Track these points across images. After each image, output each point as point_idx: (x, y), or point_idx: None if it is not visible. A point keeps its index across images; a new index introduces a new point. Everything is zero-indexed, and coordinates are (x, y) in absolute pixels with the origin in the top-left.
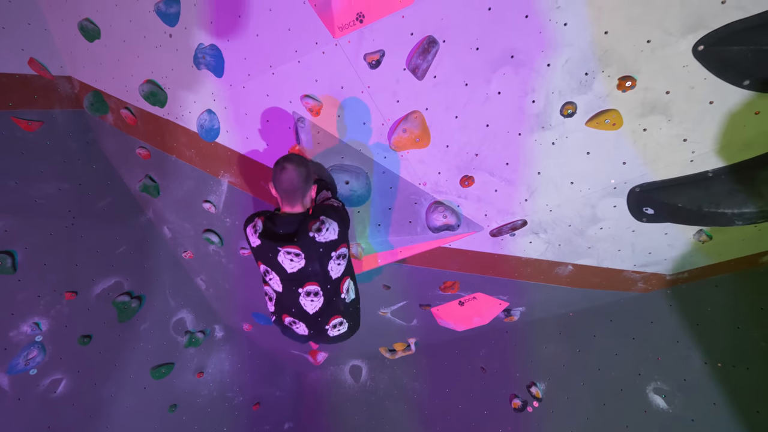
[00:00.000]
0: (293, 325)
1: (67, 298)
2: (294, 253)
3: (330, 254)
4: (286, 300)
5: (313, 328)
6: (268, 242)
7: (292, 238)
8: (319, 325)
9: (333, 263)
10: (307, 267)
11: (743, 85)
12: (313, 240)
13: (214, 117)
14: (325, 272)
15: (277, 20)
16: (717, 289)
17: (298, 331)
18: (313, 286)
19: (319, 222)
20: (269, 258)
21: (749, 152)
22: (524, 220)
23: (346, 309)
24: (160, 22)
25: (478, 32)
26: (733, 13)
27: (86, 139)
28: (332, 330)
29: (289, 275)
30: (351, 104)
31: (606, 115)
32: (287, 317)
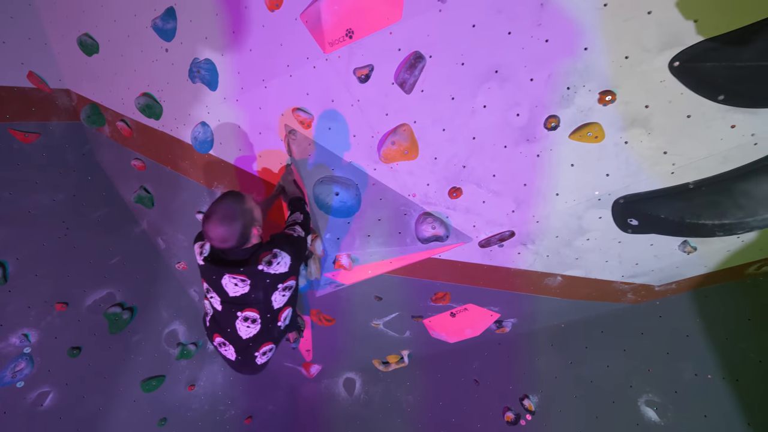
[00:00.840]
0: (222, 347)
1: (58, 310)
2: (239, 279)
3: (276, 286)
4: (222, 319)
5: (241, 354)
6: (212, 267)
7: (239, 265)
8: (248, 351)
9: (278, 294)
10: (251, 294)
11: (718, 100)
12: (261, 272)
13: (208, 129)
14: (267, 302)
15: (270, 36)
16: (706, 300)
17: (226, 355)
18: (253, 312)
19: (271, 255)
20: (212, 279)
21: (727, 165)
22: (512, 231)
23: (279, 335)
24: (156, 37)
25: (463, 48)
26: (706, 31)
27: (83, 150)
28: (261, 357)
29: (230, 298)
30: (341, 117)
31: (588, 128)
32: (218, 337)
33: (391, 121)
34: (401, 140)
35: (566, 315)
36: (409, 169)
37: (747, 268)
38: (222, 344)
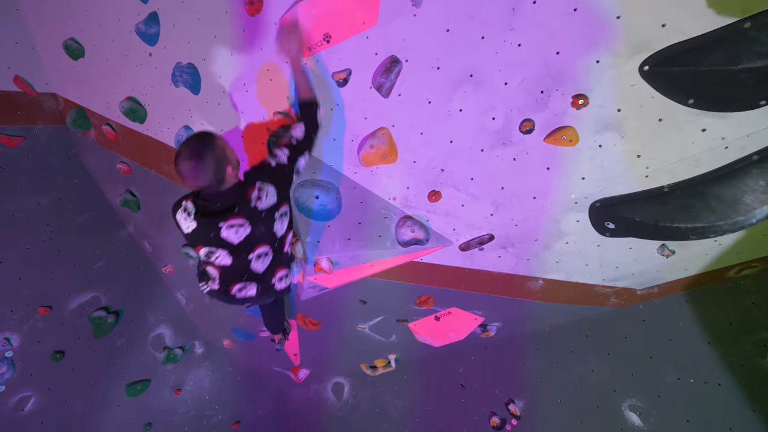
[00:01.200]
0: (242, 290)
1: (41, 313)
2: (237, 224)
3: (273, 216)
4: (235, 270)
5: (261, 284)
6: (205, 221)
7: (232, 209)
8: (266, 278)
9: (277, 224)
10: (254, 233)
11: (688, 104)
12: (255, 209)
13: (192, 133)
14: (271, 233)
15: (251, 40)
16: (687, 304)
17: (247, 294)
18: (263, 247)
19: (256, 190)
20: (210, 238)
21: (700, 168)
22: (491, 235)
23: (288, 261)
24: (140, 41)
25: (439, 52)
26: (673, 36)
27: (68, 154)
28: (279, 283)
29: (237, 246)
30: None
31: (563, 132)
32: (236, 285)
33: (370, 125)
34: (380, 144)
35: (550, 319)
36: (389, 172)
37: (727, 271)
38: (242, 289)
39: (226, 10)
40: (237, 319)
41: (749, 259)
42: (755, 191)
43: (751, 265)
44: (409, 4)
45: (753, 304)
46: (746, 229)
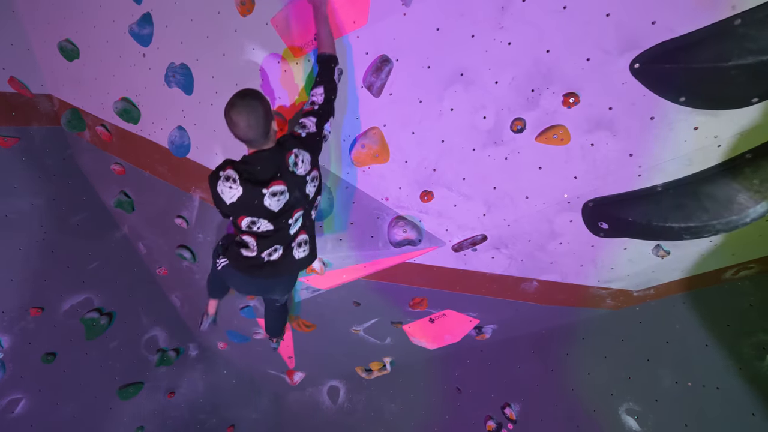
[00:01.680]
0: (273, 254)
1: (33, 315)
2: (280, 191)
3: (305, 180)
4: (277, 235)
5: (286, 249)
6: (250, 187)
7: (276, 175)
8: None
9: (309, 186)
10: (291, 198)
11: (680, 102)
12: (294, 174)
13: (185, 133)
14: (305, 196)
15: (243, 40)
16: (685, 306)
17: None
18: (300, 211)
19: (293, 155)
20: (254, 206)
21: (692, 167)
22: (484, 235)
23: (311, 227)
24: (134, 42)
25: (429, 51)
26: (663, 33)
27: (63, 155)
28: (297, 250)
29: (278, 212)
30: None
31: (554, 131)
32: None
33: (362, 125)
34: (371, 143)
35: (546, 321)
36: (381, 172)
37: (723, 273)
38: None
39: (219, 11)
40: (231, 322)
41: (745, 260)
42: (748, 190)
43: (747, 267)
44: (399, 4)
45: (751, 305)
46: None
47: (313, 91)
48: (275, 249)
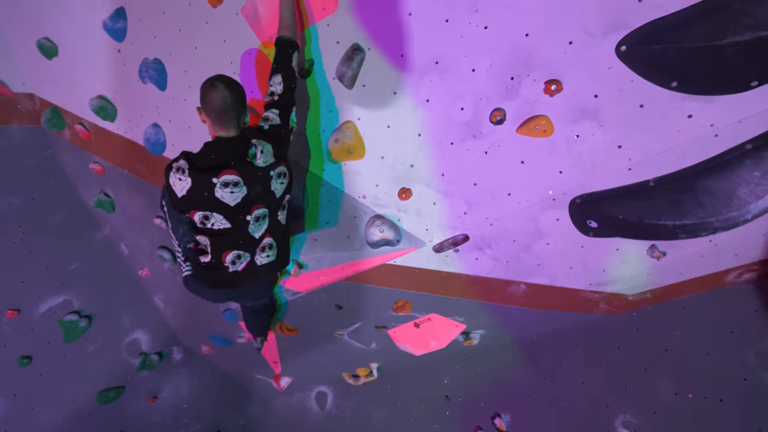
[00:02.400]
0: (237, 261)
1: (9, 317)
2: (233, 182)
3: (269, 174)
4: (233, 234)
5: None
6: (200, 177)
7: (228, 163)
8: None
9: (275, 182)
10: (251, 192)
11: (672, 87)
12: (251, 164)
13: (160, 130)
14: (269, 192)
15: (214, 32)
16: (684, 311)
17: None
18: (261, 208)
19: (253, 146)
20: (205, 198)
21: (687, 160)
22: (465, 235)
23: (278, 230)
24: (109, 38)
25: (402, 38)
26: (651, 11)
27: (44, 155)
28: (261, 255)
29: (234, 207)
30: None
31: (536, 121)
32: (230, 253)
33: (336, 119)
34: (345, 138)
35: (537, 326)
36: (357, 169)
37: (725, 275)
38: (236, 258)
39: (190, 2)
40: (215, 325)
41: (749, 261)
42: (749, 183)
43: (752, 269)
44: None
45: (756, 311)
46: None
47: (271, 81)
48: (238, 256)
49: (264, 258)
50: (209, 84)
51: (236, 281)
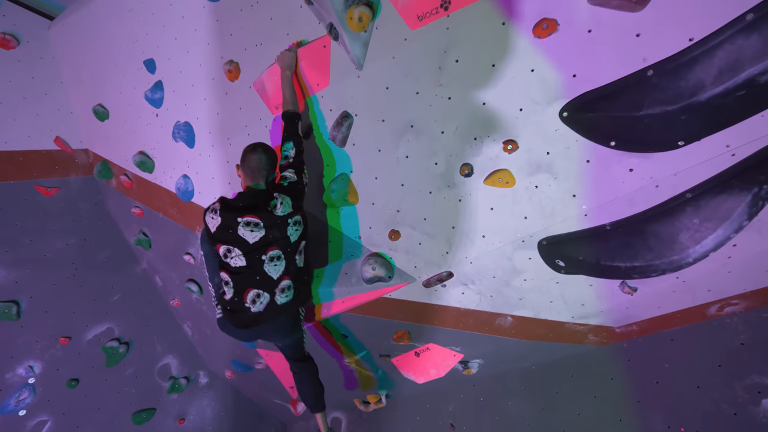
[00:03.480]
0: (257, 300)
1: (62, 343)
2: (254, 222)
3: (287, 221)
4: (250, 272)
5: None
6: (227, 215)
7: (252, 209)
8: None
9: (291, 229)
10: (268, 235)
11: (611, 146)
12: (271, 213)
13: (189, 181)
14: (285, 237)
15: (232, 101)
16: (672, 343)
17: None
18: (275, 250)
19: (275, 198)
20: (229, 234)
21: (635, 207)
22: (449, 272)
23: (295, 273)
24: (149, 105)
25: (382, 107)
26: (584, 84)
27: (94, 200)
28: (280, 295)
29: (252, 246)
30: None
31: (499, 174)
32: (250, 292)
33: (332, 172)
34: (340, 188)
35: (533, 356)
36: (352, 213)
37: (706, 309)
38: (256, 297)
39: (213, 77)
40: (235, 351)
41: (725, 296)
42: (690, 229)
43: (731, 303)
44: (354, 68)
45: (742, 344)
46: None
47: (284, 147)
48: (258, 295)
49: (283, 297)
50: (252, 148)
51: (260, 320)
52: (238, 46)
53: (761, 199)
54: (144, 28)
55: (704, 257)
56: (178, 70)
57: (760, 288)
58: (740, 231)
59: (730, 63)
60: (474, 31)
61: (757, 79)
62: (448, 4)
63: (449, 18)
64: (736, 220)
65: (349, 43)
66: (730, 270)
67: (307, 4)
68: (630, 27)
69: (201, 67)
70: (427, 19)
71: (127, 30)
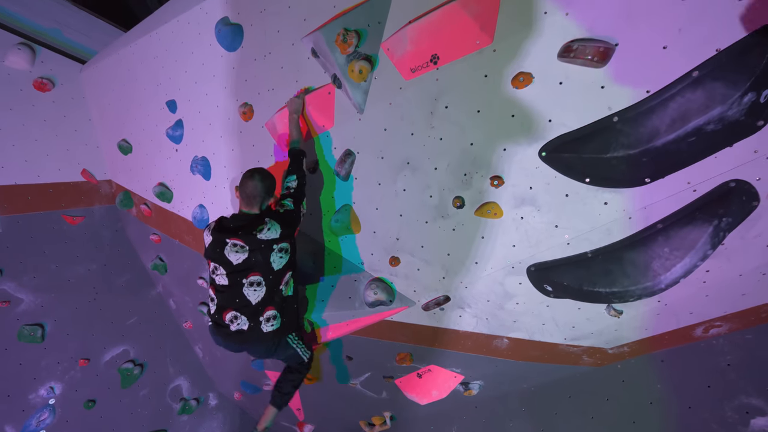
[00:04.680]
0: (234, 321)
1: (81, 365)
2: (239, 245)
3: (272, 247)
4: (230, 293)
5: (252, 320)
6: (217, 235)
7: (237, 231)
8: (257, 315)
9: (275, 255)
10: (251, 258)
11: (586, 182)
12: (255, 236)
13: (204, 210)
14: (267, 263)
15: (246, 139)
16: (663, 364)
17: (238, 327)
18: (256, 276)
19: (262, 224)
20: (217, 253)
21: (612, 236)
22: (447, 296)
23: (281, 303)
24: (169, 141)
25: (381, 145)
26: (559, 128)
27: (116, 228)
28: (265, 324)
29: (234, 267)
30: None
31: (488, 207)
32: (229, 312)
33: (336, 203)
34: (344, 218)
35: (531, 378)
36: (354, 241)
37: (692, 330)
38: (234, 318)
39: (229, 117)
40: (245, 372)
41: (707, 318)
42: (661, 257)
43: (714, 325)
44: (355, 111)
45: (729, 365)
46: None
47: (287, 180)
48: (235, 316)
49: (269, 327)
50: (249, 174)
51: (243, 340)
52: (252, 90)
53: (722, 230)
54: (167, 73)
55: (675, 283)
56: (198, 111)
57: (738, 311)
58: (706, 259)
59: (681, 113)
60: (460, 82)
61: (704, 128)
62: (437, 59)
63: (438, 71)
64: (701, 249)
65: (351, 91)
66: (707, 294)
67: (313, 57)
68: (595, 80)
69: (218, 108)
70: (419, 71)
71: (152, 74)
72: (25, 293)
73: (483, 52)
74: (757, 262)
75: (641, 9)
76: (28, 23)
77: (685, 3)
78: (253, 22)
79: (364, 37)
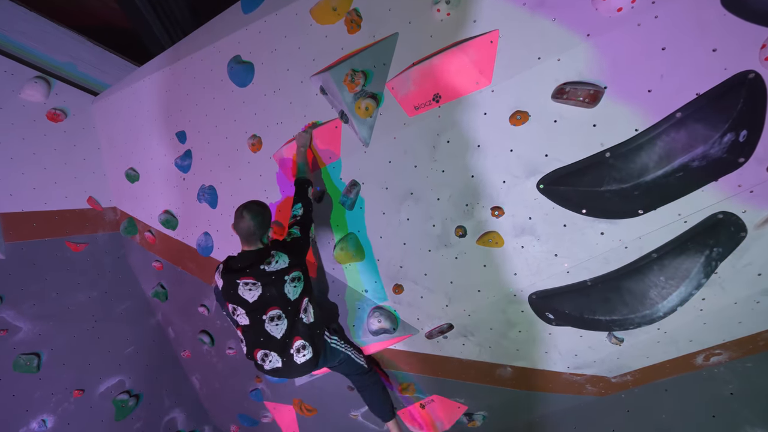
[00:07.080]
0: (266, 359)
1: (75, 396)
2: (250, 282)
3: (284, 278)
4: (254, 331)
5: (282, 354)
6: (228, 277)
7: (248, 269)
8: (286, 349)
9: (288, 286)
10: (266, 293)
11: (582, 213)
12: (264, 271)
13: (210, 238)
14: (282, 295)
15: (253, 169)
16: (667, 393)
17: (272, 365)
18: (275, 310)
19: (269, 256)
20: (232, 294)
21: (610, 265)
22: (450, 324)
23: (306, 331)
24: (177, 171)
25: (385, 177)
26: (554, 163)
27: (118, 254)
28: (297, 356)
29: (251, 305)
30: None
31: (489, 236)
32: (258, 351)
33: (341, 231)
34: (348, 246)
35: (534, 409)
36: (360, 269)
37: (693, 359)
38: (264, 357)
39: (237, 149)
40: (242, 404)
41: (708, 346)
42: (657, 286)
43: (714, 353)
44: (361, 144)
45: (732, 394)
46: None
47: (294, 208)
48: (266, 354)
49: (301, 358)
50: (239, 213)
51: (284, 374)
52: (261, 123)
53: (713, 260)
54: (178, 105)
55: (672, 311)
56: (207, 141)
57: (736, 338)
58: (701, 288)
59: (667, 151)
60: (461, 118)
61: (690, 164)
62: (439, 97)
63: (440, 108)
64: (695, 278)
65: (358, 126)
66: (705, 322)
67: (321, 94)
68: (587, 119)
69: (227, 139)
70: (422, 108)
71: (163, 106)
72: (23, 321)
73: (482, 92)
74: (749, 290)
75: (626, 57)
76: (44, 57)
77: (665, 52)
78: (264, 60)
79: (370, 77)
